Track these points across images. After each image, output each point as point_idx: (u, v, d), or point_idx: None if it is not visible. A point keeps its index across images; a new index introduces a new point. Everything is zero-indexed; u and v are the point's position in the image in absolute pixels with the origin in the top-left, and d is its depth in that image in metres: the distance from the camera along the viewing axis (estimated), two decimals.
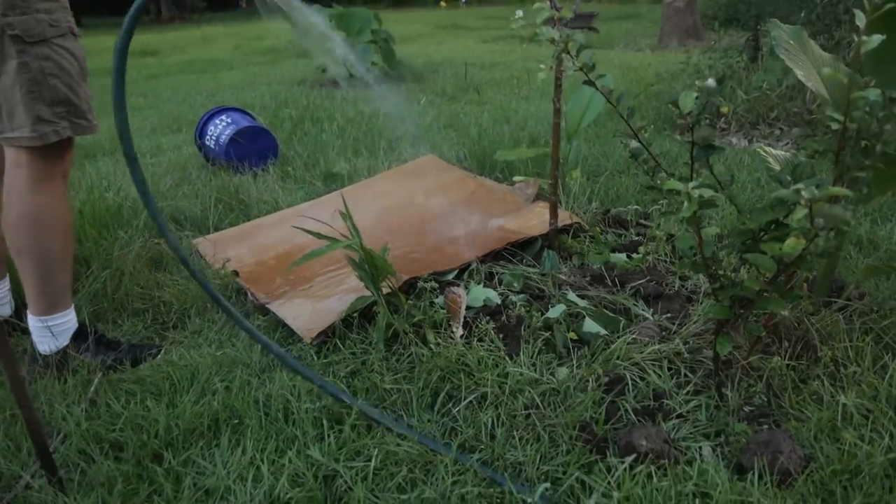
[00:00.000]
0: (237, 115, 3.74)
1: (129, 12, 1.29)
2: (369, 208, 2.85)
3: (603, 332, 1.71)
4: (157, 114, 5.70)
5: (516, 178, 2.88)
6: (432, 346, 1.71)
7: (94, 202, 2.61)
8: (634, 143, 1.58)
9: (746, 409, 1.48)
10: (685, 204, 1.30)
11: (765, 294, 1.40)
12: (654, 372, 1.59)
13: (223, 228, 2.80)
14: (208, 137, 3.64)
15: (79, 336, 1.87)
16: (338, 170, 3.31)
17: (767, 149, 1.86)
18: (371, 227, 2.67)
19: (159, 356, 1.90)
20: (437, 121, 4.54)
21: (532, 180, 2.71)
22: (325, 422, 1.48)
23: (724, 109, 1.43)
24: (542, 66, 1.47)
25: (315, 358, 1.76)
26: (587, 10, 13.61)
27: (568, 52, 1.39)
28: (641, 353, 1.64)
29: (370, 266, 1.73)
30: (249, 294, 2.12)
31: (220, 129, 3.57)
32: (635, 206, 2.52)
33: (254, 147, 3.52)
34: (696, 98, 1.29)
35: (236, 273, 2.34)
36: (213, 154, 3.62)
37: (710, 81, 1.26)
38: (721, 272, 1.49)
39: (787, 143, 3.51)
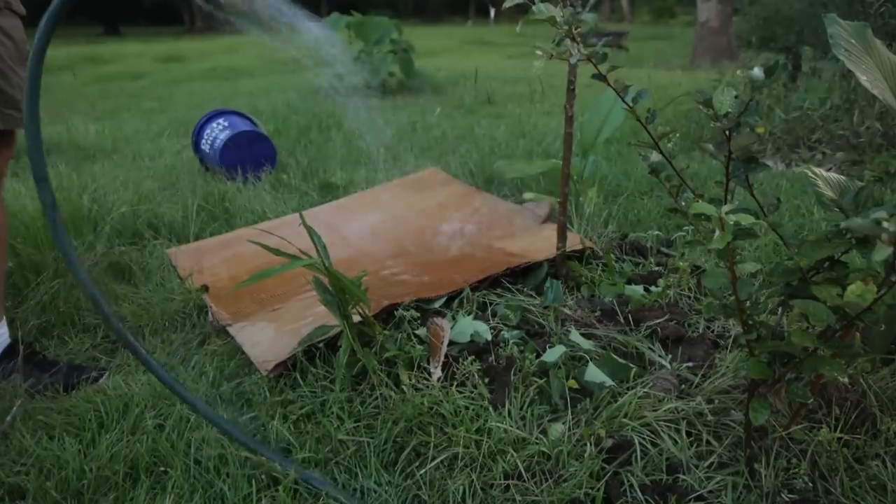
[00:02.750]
0: (236, 118, 3.53)
1: (49, 10, 1.05)
2: (361, 222, 2.60)
3: (609, 381, 1.42)
4: (167, 118, 5.55)
5: (526, 196, 2.61)
6: (405, 387, 1.44)
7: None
8: (655, 156, 1.30)
9: (785, 494, 1.17)
10: (716, 232, 1.02)
11: (817, 352, 1.11)
12: (670, 437, 1.29)
13: (204, 238, 2.57)
14: (204, 141, 3.44)
15: (9, 353, 1.64)
16: (335, 180, 3.07)
17: (817, 170, 1.57)
18: (359, 243, 2.41)
19: (101, 380, 1.65)
20: (448, 134, 4.29)
21: (546, 199, 2.43)
22: (261, 479, 1.21)
23: (760, 130, 1.15)
24: (539, 52, 1.20)
25: (268, 394, 1.50)
26: (618, 29, 13.36)
27: (574, 38, 1.12)
28: (654, 410, 1.34)
29: (337, 290, 1.47)
30: (210, 313, 1.86)
31: (216, 133, 3.36)
32: (657, 232, 2.22)
33: (249, 153, 3.30)
34: (736, 97, 1.01)
35: (205, 288, 2.10)
36: (208, 159, 3.41)
37: (757, 71, 0.98)
38: (758, 319, 1.20)
39: (831, 168, 3.18)
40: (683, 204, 1.21)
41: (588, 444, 1.26)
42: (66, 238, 1.20)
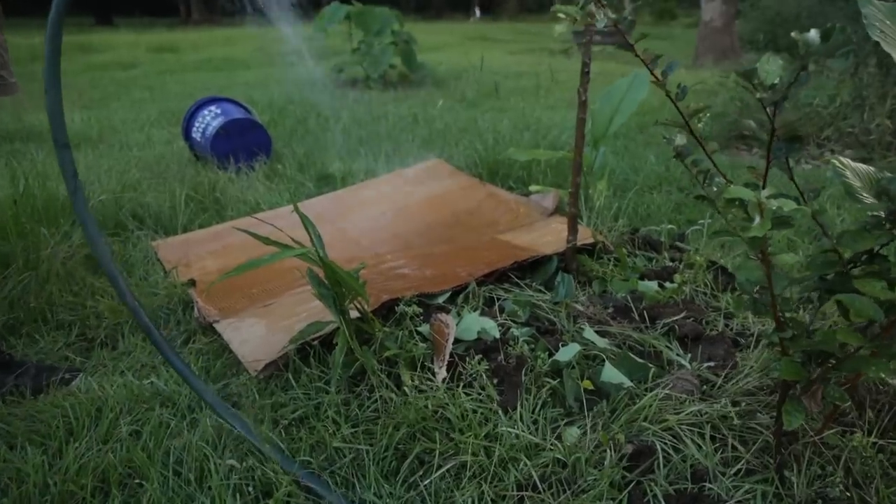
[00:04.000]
0: (229, 106, 3.41)
1: None
2: (361, 214, 2.49)
3: (627, 382, 1.31)
4: (157, 108, 5.42)
5: (532, 188, 2.50)
6: (407, 389, 1.33)
7: (30, 191, 2.26)
8: (680, 139, 1.19)
9: (819, 503, 1.07)
10: (756, 219, 0.92)
11: (860, 351, 1.00)
12: (693, 442, 1.19)
13: (192, 230, 2.45)
14: (195, 129, 3.31)
15: None
16: (332, 171, 2.95)
17: (844, 160, 1.46)
18: (358, 236, 2.30)
19: (74, 382, 1.54)
20: (451, 126, 4.17)
21: (552, 191, 2.32)
22: (248, 491, 1.10)
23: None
24: (561, 14, 1.09)
25: (257, 396, 1.39)
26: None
27: (599, 2, 1.01)
28: (677, 413, 1.24)
29: (332, 283, 1.35)
30: (196, 309, 1.75)
31: (208, 121, 3.24)
32: (670, 226, 2.12)
33: (243, 142, 3.18)
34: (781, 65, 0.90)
35: (192, 283, 1.99)
36: (199, 148, 3.29)
37: (813, 33, 0.88)
38: (792, 315, 1.09)
39: None
40: (714, 189, 1.10)
41: (608, 451, 1.16)
42: (87, 211, 1.13)
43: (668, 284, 1.81)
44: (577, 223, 1.86)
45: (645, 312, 1.64)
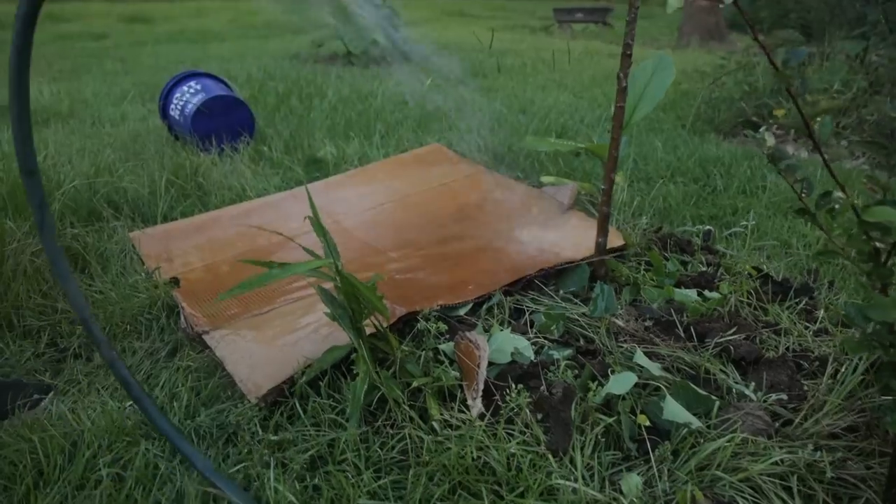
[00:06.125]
0: (210, 81, 3.14)
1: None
2: (357, 205, 2.27)
3: (695, 422, 1.13)
4: (130, 81, 5.08)
5: (544, 179, 2.31)
6: (436, 425, 1.14)
7: None
8: (770, 139, 1.01)
9: None
10: None
11: None
12: (779, 497, 1.02)
13: (174, 219, 2.22)
14: (173, 107, 3.04)
15: None
16: (322, 155, 2.72)
17: None
18: (356, 230, 2.09)
19: (44, 402, 1.32)
20: (444, 106, 3.94)
21: (569, 184, 2.13)
22: None
23: (779, 112, 0.88)
24: None
25: (259, 429, 1.19)
26: (602, 5, 13.06)
27: None
28: (754, 460, 1.07)
29: (349, 298, 1.15)
30: (182, 317, 1.53)
31: (188, 98, 2.97)
32: (707, 227, 1.95)
33: (225, 121, 2.92)
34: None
35: (175, 282, 1.76)
36: (178, 126, 3.02)
37: None
38: None
39: (860, 159, 2.94)
40: (824, 203, 0.92)
41: None
42: (56, 245, 0.90)
43: (707, 293, 1.64)
44: (608, 224, 1.68)
45: (691, 328, 1.47)
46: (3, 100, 3.26)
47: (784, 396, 1.23)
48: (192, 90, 2.99)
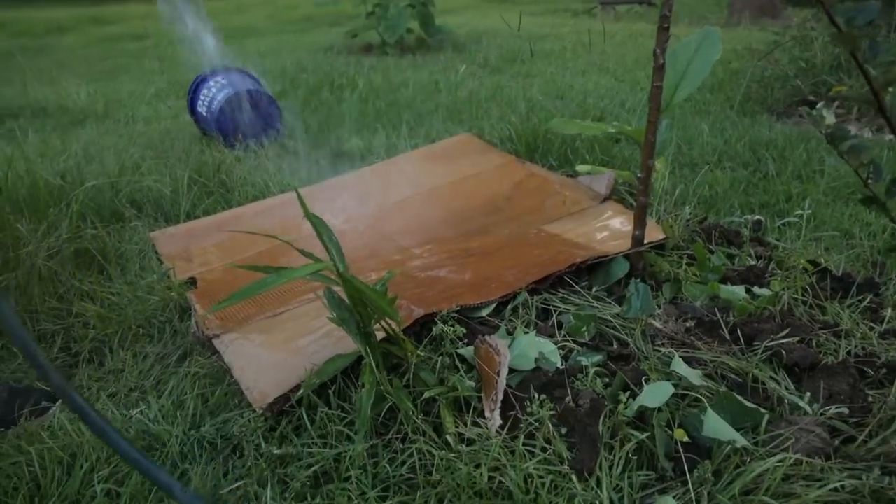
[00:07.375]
0: (238, 76, 3.10)
1: None
2: (382, 200, 2.19)
3: (741, 440, 1.01)
4: (167, 79, 5.12)
5: (579, 168, 2.18)
6: (450, 438, 1.04)
7: (16, 178, 1.98)
8: (830, 117, 0.87)
9: None
10: None
11: None
12: None
13: (196, 217, 2.18)
14: (200, 102, 3.01)
15: None
16: (349, 147, 2.65)
17: None
18: (380, 225, 2.01)
19: (52, 411, 1.29)
20: (476, 94, 3.83)
21: (606, 172, 2.00)
22: None
23: (840, 89, 0.74)
24: None
25: (262, 442, 1.11)
26: None
27: None
28: (809, 484, 0.94)
29: (355, 303, 1.06)
30: (193, 320, 1.47)
31: (214, 93, 2.93)
32: (757, 217, 1.79)
33: (251, 116, 2.88)
34: None
35: (193, 282, 1.71)
36: (205, 123, 2.99)
37: None
38: None
39: None
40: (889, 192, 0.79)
41: None
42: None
43: (757, 290, 1.49)
44: (647, 215, 1.54)
45: (738, 329, 1.33)
46: (18, 100, 3.30)
47: (845, 409, 1.09)
48: (218, 85, 2.96)
